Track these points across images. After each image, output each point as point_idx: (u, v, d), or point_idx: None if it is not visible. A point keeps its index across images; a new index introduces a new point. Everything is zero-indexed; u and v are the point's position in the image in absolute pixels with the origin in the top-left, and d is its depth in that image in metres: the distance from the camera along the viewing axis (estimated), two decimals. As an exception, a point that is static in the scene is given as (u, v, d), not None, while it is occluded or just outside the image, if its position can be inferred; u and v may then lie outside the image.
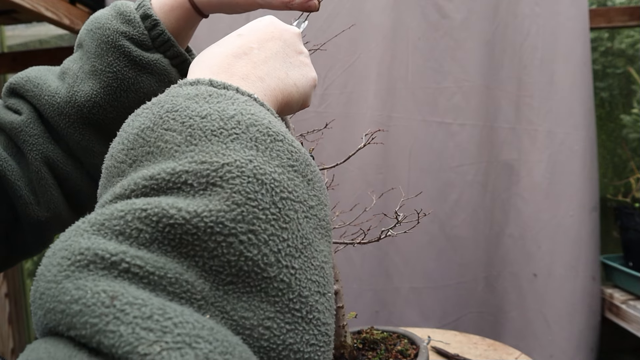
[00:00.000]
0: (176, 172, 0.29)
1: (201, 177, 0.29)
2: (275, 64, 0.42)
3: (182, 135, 0.30)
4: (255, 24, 0.46)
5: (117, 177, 0.32)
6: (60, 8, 1.41)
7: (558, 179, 1.49)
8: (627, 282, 1.51)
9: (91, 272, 0.25)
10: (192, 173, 0.29)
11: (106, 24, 0.53)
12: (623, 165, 1.84)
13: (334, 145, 1.52)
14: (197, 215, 0.27)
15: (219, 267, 0.27)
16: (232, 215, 0.28)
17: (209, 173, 0.29)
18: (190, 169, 0.29)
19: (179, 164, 0.29)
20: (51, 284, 0.24)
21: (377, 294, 1.54)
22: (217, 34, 1.67)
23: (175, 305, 0.25)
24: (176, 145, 0.30)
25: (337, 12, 1.49)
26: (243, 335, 0.27)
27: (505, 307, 1.56)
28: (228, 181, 0.28)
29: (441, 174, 1.52)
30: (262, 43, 0.43)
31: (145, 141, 0.31)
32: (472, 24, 1.50)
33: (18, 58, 1.74)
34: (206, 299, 0.26)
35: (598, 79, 1.79)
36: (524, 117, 1.52)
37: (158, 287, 0.25)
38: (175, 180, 0.29)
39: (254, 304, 0.27)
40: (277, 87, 0.41)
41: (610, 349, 1.73)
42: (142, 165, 0.31)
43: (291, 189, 0.31)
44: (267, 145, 0.31)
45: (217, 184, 0.28)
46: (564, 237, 1.49)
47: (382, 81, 1.48)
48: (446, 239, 1.53)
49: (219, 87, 0.35)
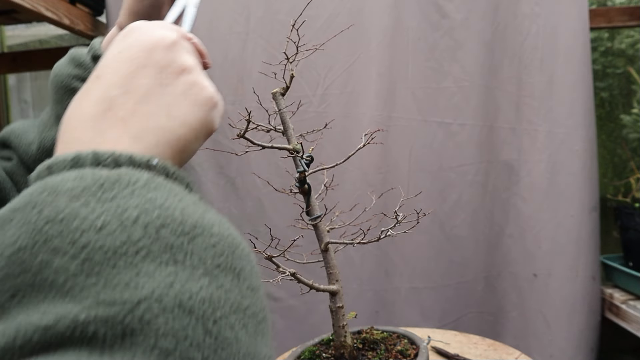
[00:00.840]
0: (80, 321, 0.22)
1: (115, 325, 0.22)
2: (150, 107, 0.33)
3: (76, 260, 0.23)
4: (113, 51, 0.35)
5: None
6: (60, 8, 1.41)
7: (558, 179, 1.49)
8: (627, 282, 1.51)
9: None
10: (102, 321, 0.22)
11: (61, 71, 0.57)
12: (623, 165, 1.84)
13: (334, 145, 1.52)
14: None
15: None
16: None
17: (123, 317, 0.22)
18: (99, 315, 0.22)
19: (82, 307, 0.22)
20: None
21: (377, 294, 1.54)
22: (217, 34, 1.66)
23: None
24: (71, 276, 0.23)
25: (338, 12, 1.49)
26: None
27: (505, 307, 1.56)
28: (149, 324, 0.22)
29: (441, 174, 1.52)
30: (126, 83, 0.33)
31: (25, 268, 0.23)
32: (472, 24, 1.50)
33: (18, 58, 1.74)
34: None
35: (598, 79, 1.79)
36: (524, 117, 1.52)
37: None
38: (81, 332, 0.21)
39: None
40: (163, 140, 0.32)
41: (610, 349, 1.73)
42: (29, 302, 0.23)
43: (223, 301, 0.25)
44: (185, 251, 0.25)
45: (137, 331, 0.22)
46: (564, 237, 1.49)
47: (382, 81, 1.48)
48: (446, 239, 1.53)
49: (107, 164, 0.27)
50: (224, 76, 1.52)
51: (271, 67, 1.62)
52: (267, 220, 1.45)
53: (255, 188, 1.54)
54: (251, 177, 1.54)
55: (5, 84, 2.07)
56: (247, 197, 1.55)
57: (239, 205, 1.53)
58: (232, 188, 1.55)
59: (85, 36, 1.60)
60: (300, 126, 1.51)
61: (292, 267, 0.83)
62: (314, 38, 1.52)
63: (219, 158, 1.54)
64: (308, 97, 1.52)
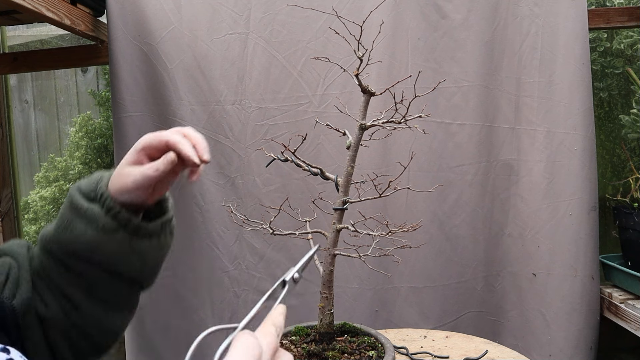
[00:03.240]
0: None
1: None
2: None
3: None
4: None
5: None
6: (61, 8, 1.41)
7: (557, 179, 1.50)
8: (625, 281, 1.52)
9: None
10: None
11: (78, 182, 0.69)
12: (622, 165, 1.85)
13: (334, 145, 1.53)
14: None
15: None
16: None
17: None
18: None
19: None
20: None
21: (377, 293, 1.54)
22: (217, 34, 1.67)
23: None
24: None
25: (338, 12, 1.49)
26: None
27: (505, 307, 1.56)
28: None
29: (441, 174, 1.53)
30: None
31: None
32: (472, 24, 1.50)
33: (19, 58, 1.75)
34: None
35: (597, 79, 1.80)
36: (523, 117, 1.53)
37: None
38: None
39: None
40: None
41: (609, 347, 1.74)
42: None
43: None
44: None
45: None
46: (563, 236, 1.50)
47: (382, 81, 1.49)
48: (446, 239, 1.54)
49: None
50: (224, 76, 1.53)
51: (271, 67, 1.63)
52: (267, 219, 1.46)
53: (255, 188, 1.55)
54: (251, 177, 1.55)
55: (6, 84, 2.08)
56: (247, 197, 1.55)
57: (239, 205, 1.54)
58: (232, 188, 1.55)
59: (86, 36, 1.61)
60: (300, 126, 1.52)
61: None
62: (314, 38, 1.53)
63: (219, 158, 1.54)
64: (308, 97, 1.52)
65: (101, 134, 2.10)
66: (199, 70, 1.52)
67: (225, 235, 1.56)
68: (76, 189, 0.67)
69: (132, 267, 0.68)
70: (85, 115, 2.15)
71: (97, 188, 0.65)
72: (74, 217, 0.65)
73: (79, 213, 0.65)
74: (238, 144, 1.55)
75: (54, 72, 2.25)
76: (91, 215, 0.64)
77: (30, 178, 2.26)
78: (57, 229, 0.66)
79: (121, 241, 0.64)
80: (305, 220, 1.01)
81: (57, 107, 2.29)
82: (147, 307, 1.58)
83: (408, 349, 1.10)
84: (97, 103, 2.18)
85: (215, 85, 1.53)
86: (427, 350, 1.11)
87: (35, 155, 2.30)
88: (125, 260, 0.66)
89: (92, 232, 0.64)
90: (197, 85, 1.53)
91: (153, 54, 1.51)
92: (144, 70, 1.52)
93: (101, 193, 0.65)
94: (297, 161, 0.90)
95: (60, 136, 2.29)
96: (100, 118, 2.15)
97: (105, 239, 0.64)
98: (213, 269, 1.57)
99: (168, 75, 1.51)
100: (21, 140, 2.27)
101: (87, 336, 0.69)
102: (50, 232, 0.67)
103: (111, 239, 0.64)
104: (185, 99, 1.53)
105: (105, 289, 0.68)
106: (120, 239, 0.64)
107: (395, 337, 1.19)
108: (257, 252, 1.56)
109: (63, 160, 2.15)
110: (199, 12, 1.51)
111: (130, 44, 1.51)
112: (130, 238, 0.65)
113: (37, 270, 0.68)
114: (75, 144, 2.12)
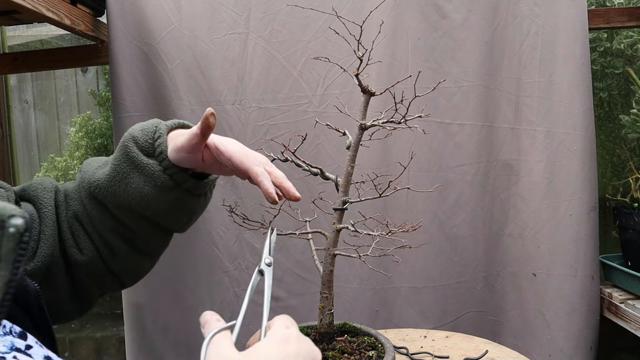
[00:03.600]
0: None
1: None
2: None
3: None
4: (279, 354, 0.45)
5: None
6: (61, 8, 1.41)
7: (557, 179, 1.50)
8: (625, 281, 1.52)
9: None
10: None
11: (131, 129, 0.67)
12: (622, 165, 1.85)
13: (334, 145, 1.53)
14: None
15: None
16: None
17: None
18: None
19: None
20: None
21: (377, 293, 1.54)
22: (217, 34, 1.67)
23: None
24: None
25: (338, 12, 1.49)
26: None
27: (505, 307, 1.56)
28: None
29: (441, 174, 1.52)
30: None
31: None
32: (472, 24, 1.50)
33: (19, 58, 1.75)
34: None
35: (597, 79, 1.80)
36: (523, 117, 1.53)
37: None
38: None
39: None
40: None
41: (609, 347, 1.74)
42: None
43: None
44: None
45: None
46: (563, 236, 1.50)
47: (382, 81, 1.49)
48: (446, 239, 1.54)
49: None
50: (224, 76, 1.53)
51: (271, 67, 1.63)
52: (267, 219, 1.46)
53: (255, 188, 1.54)
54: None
55: (6, 84, 2.08)
56: (247, 197, 1.55)
57: (239, 205, 1.54)
58: (232, 188, 1.55)
59: (86, 36, 1.61)
60: (300, 126, 1.52)
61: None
62: (314, 38, 1.53)
63: (219, 158, 1.54)
64: (308, 97, 1.52)
65: (101, 134, 2.10)
66: (199, 70, 1.52)
67: (225, 235, 1.56)
68: (131, 139, 0.65)
69: (178, 221, 0.70)
70: (85, 115, 2.15)
71: (155, 144, 0.65)
72: (130, 171, 0.64)
73: (137, 167, 0.64)
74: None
75: (54, 72, 2.25)
76: (150, 172, 0.64)
77: (30, 178, 2.26)
78: (110, 180, 0.65)
79: (175, 199, 0.66)
80: (305, 220, 1.01)
81: (57, 107, 2.29)
82: (147, 307, 1.58)
83: (408, 349, 1.10)
84: (97, 103, 2.18)
85: (215, 85, 1.53)
86: (427, 350, 1.11)
87: (35, 155, 2.30)
88: (173, 215, 0.68)
89: (149, 189, 0.64)
90: (197, 85, 1.53)
91: (153, 54, 1.51)
92: (144, 70, 1.52)
93: (160, 151, 0.65)
94: (297, 161, 0.90)
95: (60, 136, 2.30)
96: (100, 118, 2.15)
97: (161, 196, 0.65)
98: (213, 269, 1.57)
99: (168, 75, 1.51)
100: (21, 140, 2.27)
101: (116, 278, 0.71)
102: (103, 182, 0.66)
103: (166, 196, 0.65)
104: (185, 99, 1.53)
105: (146, 238, 0.69)
106: (174, 196, 0.66)
107: (395, 337, 1.19)
108: (257, 252, 1.56)
109: (63, 160, 2.15)
110: (199, 12, 1.51)
111: (130, 44, 1.51)
112: (183, 196, 0.66)
113: (76, 214, 0.68)
114: (75, 144, 2.12)
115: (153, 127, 0.66)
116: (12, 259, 0.32)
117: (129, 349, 1.61)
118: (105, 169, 0.66)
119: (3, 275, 0.31)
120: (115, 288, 0.74)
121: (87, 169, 0.69)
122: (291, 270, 1.55)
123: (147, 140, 0.65)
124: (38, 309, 0.52)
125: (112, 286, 0.73)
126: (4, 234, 0.32)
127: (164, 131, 0.66)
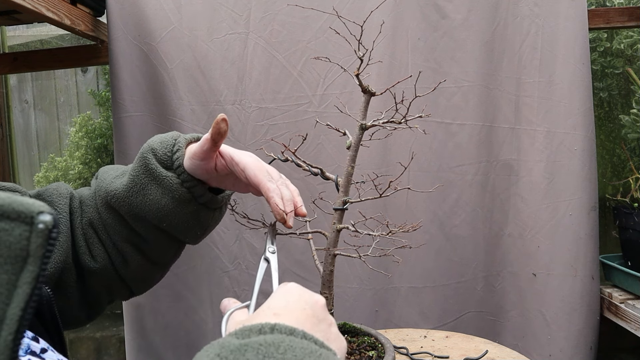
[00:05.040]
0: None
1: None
2: (322, 335, 0.45)
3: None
4: (281, 301, 0.46)
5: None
6: (61, 8, 1.41)
7: (557, 179, 1.50)
8: (625, 281, 1.52)
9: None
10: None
11: (150, 140, 0.67)
12: (622, 165, 1.85)
13: (334, 145, 1.53)
14: None
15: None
16: None
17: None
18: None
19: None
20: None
21: (377, 293, 1.54)
22: (217, 34, 1.67)
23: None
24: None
25: (338, 12, 1.49)
26: None
27: (505, 307, 1.56)
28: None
29: (441, 174, 1.53)
30: (299, 324, 0.43)
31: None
32: (472, 24, 1.50)
33: (19, 58, 1.75)
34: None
35: (597, 79, 1.80)
36: (523, 117, 1.53)
37: None
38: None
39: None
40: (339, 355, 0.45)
41: (609, 347, 1.74)
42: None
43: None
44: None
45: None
46: (563, 236, 1.50)
47: (383, 81, 1.49)
48: (446, 239, 1.54)
49: (324, 347, 0.40)
50: (224, 76, 1.53)
51: (271, 67, 1.63)
52: (267, 219, 1.46)
53: (255, 188, 1.54)
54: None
55: (6, 84, 2.08)
56: (247, 197, 1.55)
57: (239, 205, 1.54)
58: (233, 188, 1.55)
59: (86, 36, 1.60)
60: (300, 126, 1.52)
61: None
62: (314, 38, 1.53)
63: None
64: (308, 97, 1.52)
65: (101, 134, 2.10)
66: (199, 70, 1.52)
67: (225, 235, 1.56)
68: (150, 151, 0.66)
69: (192, 234, 0.70)
70: (85, 115, 2.15)
71: (173, 157, 0.66)
72: (148, 182, 0.65)
73: (156, 180, 0.65)
74: (238, 144, 1.55)
75: (54, 72, 2.25)
76: (168, 185, 0.64)
77: (30, 178, 2.26)
78: (128, 191, 0.65)
79: (191, 212, 0.66)
80: (306, 220, 1.01)
81: (57, 107, 2.29)
82: (147, 307, 1.58)
83: (408, 349, 1.10)
84: (97, 103, 2.18)
85: (215, 85, 1.53)
86: (427, 350, 1.11)
87: (35, 155, 2.30)
88: (189, 228, 0.68)
89: (167, 201, 0.65)
90: (197, 85, 1.53)
91: (153, 54, 1.51)
92: (144, 70, 1.52)
93: (178, 164, 0.65)
94: (297, 161, 0.90)
95: (60, 136, 2.30)
96: (100, 118, 2.15)
97: (177, 209, 0.65)
98: (213, 269, 1.57)
99: (168, 75, 1.51)
100: (21, 140, 2.27)
101: (126, 286, 0.72)
102: (120, 192, 0.66)
103: (183, 209, 0.65)
104: (185, 99, 1.53)
105: (160, 249, 0.70)
106: (191, 209, 0.66)
107: (395, 337, 1.19)
108: (257, 252, 1.56)
109: (63, 160, 2.15)
110: (199, 12, 1.51)
111: (130, 44, 1.51)
112: (199, 209, 0.67)
113: (91, 221, 0.68)
114: (75, 144, 2.12)
115: (172, 140, 0.67)
116: (41, 255, 0.32)
117: (129, 349, 1.61)
118: (123, 179, 0.67)
119: (32, 270, 0.32)
120: (124, 296, 0.74)
121: (104, 177, 0.69)
122: (291, 270, 1.55)
123: (166, 153, 0.66)
124: (50, 315, 0.52)
125: (121, 294, 0.73)
126: (33, 230, 0.32)
127: (182, 144, 0.67)
